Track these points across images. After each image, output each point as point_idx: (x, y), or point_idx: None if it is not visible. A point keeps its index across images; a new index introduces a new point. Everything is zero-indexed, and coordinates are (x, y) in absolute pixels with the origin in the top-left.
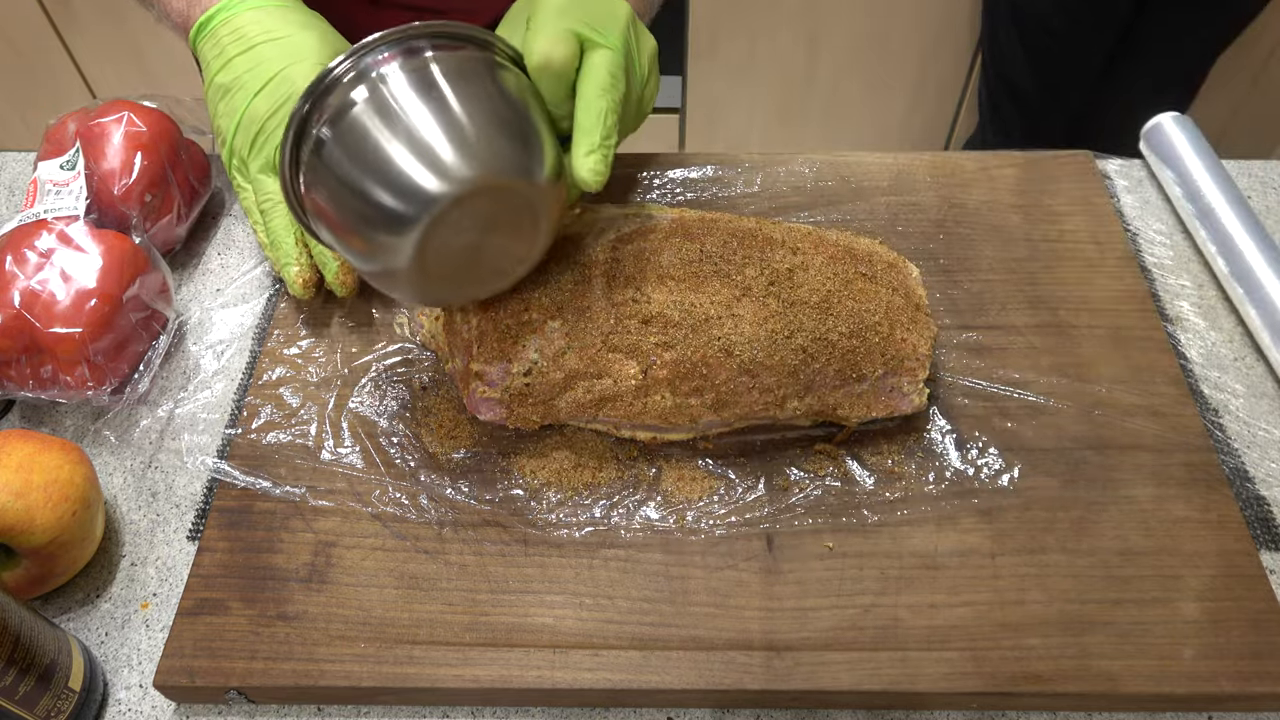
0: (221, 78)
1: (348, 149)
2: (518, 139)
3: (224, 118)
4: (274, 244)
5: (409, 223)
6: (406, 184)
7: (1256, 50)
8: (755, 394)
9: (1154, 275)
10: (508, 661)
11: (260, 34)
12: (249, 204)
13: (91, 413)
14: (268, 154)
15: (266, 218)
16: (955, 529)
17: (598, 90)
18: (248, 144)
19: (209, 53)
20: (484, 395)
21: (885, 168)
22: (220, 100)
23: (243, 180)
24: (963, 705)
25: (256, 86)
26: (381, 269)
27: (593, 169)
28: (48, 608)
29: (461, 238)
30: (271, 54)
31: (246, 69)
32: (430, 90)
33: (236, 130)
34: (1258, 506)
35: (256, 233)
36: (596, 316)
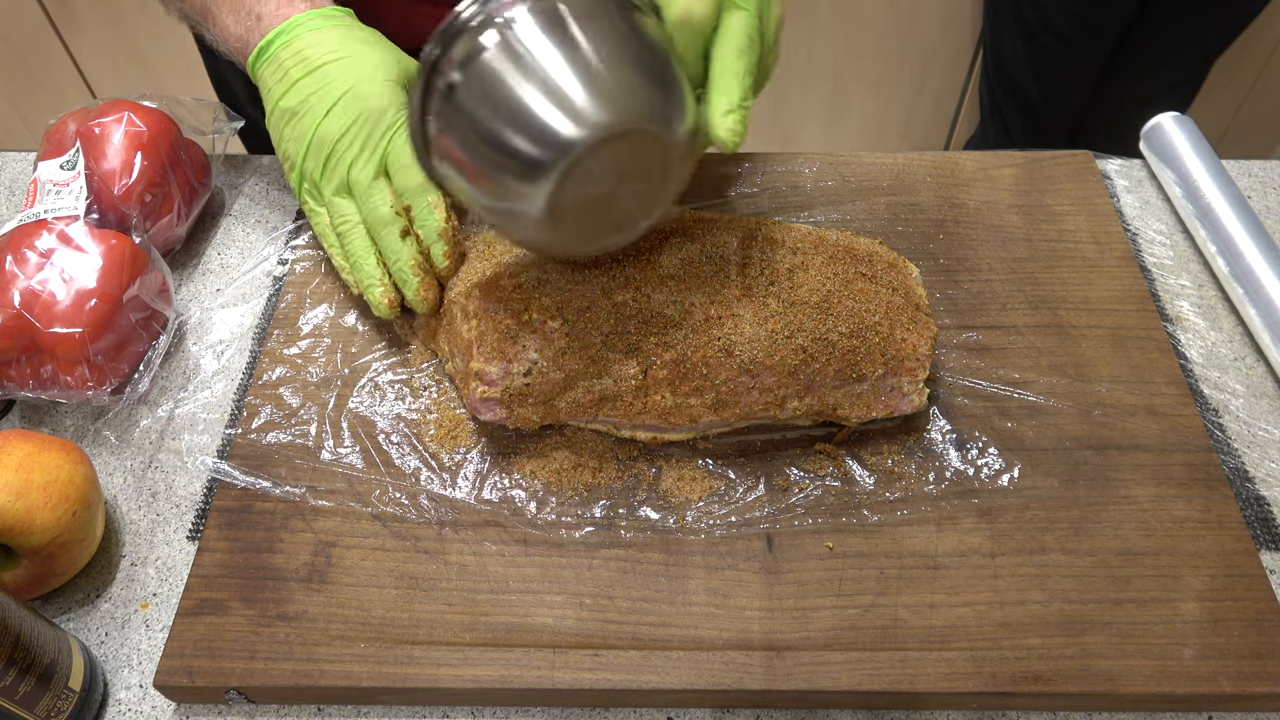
0: (287, 102)
1: (482, 94)
2: (658, 85)
3: (291, 142)
4: (355, 266)
5: (545, 169)
6: (543, 130)
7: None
8: (755, 394)
9: (1154, 275)
10: (508, 661)
11: (324, 54)
12: (323, 228)
13: (91, 413)
14: (341, 175)
15: (345, 240)
16: (955, 529)
17: (736, 51)
18: (319, 167)
19: (271, 77)
20: (484, 395)
21: (885, 168)
22: (286, 125)
23: (315, 204)
24: (963, 705)
25: (325, 108)
26: (512, 216)
27: (731, 128)
28: (48, 608)
29: (595, 186)
30: (337, 73)
31: (313, 90)
32: (564, 32)
33: (306, 154)
34: (1258, 506)
35: (333, 257)
36: (596, 316)
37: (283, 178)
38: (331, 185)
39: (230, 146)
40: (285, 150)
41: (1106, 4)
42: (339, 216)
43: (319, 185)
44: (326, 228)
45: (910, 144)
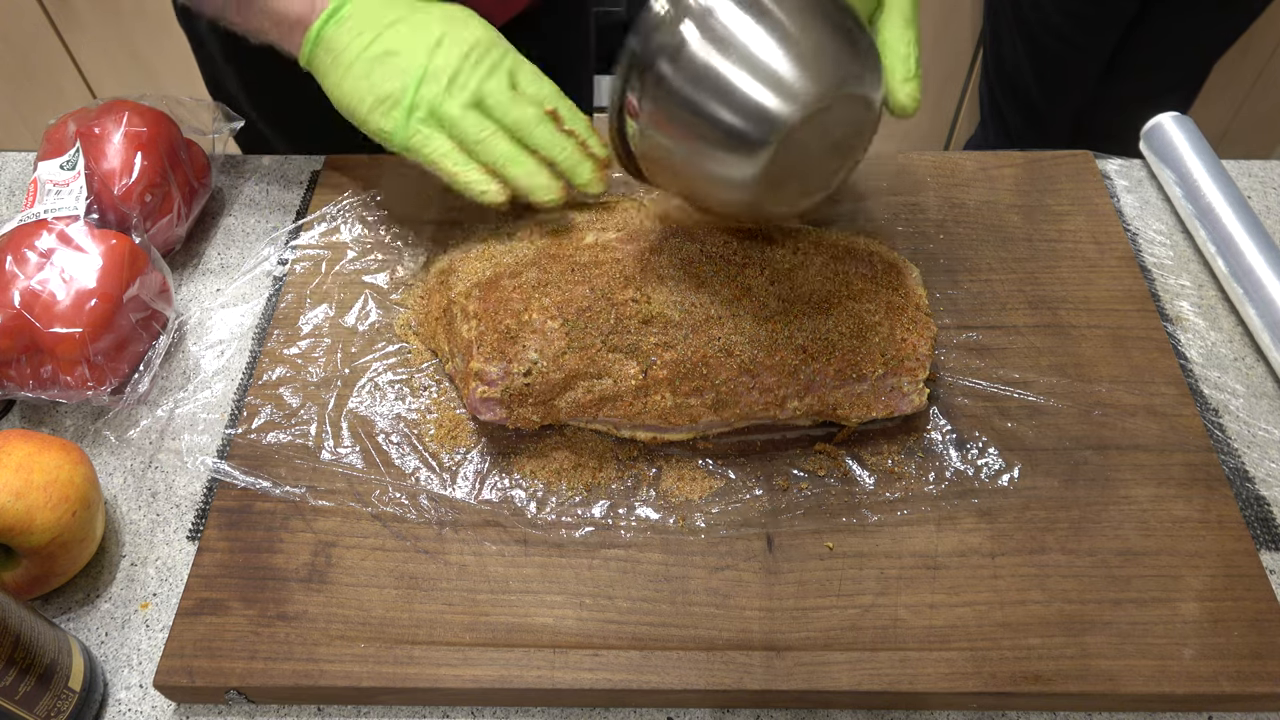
0: (378, 48)
1: (693, 81)
2: (857, 51)
3: (394, 78)
4: (507, 164)
5: (762, 144)
6: (757, 109)
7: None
8: (755, 394)
9: (1154, 275)
10: (508, 661)
11: (402, 9)
12: (443, 150)
13: (91, 413)
14: (471, 91)
15: (486, 147)
16: (955, 529)
17: (904, 21)
18: (443, 90)
19: (348, 35)
20: (484, 395)
21: (885, 168)
22: (380, 66)
23: (432, 130)
24: (963, 705)
25: (430, 42)
26: (721, 188)
27: (911, 94)
28: (48, 608)
29: (803, 152)
30: (427, 20)
31: (408, 34)
32: (761, 7)
33: (421, 82)
34: (1258, 506)
35: (459, 174)
36: (597, 316)
37: (284, 177)
38: (458, 101)
39: (230, 146)
40: (385, 89)
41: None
42: (476, 127)
43: (439, 108)
44: (449, 148)
45: (910, 144)
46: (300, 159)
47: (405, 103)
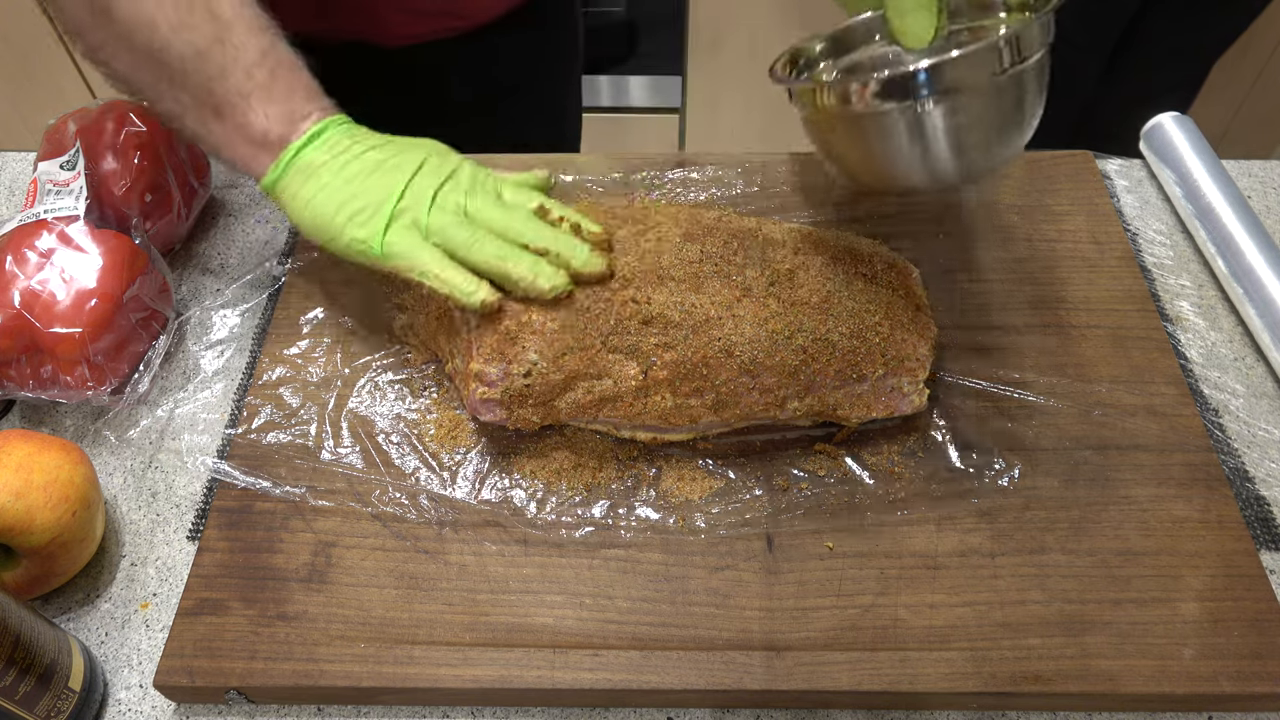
0: (356, 166)
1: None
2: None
3: (377, 190)
4: (506, 261)
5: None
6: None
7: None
8: (755, 394)
9: (1154, 275)
10: (508, 661)
11: (383, 137)
12: (424, 255)
13: (91, 413)
14: (456, 203)
15: (478, 250)
16: (955, 529)
17: None
18: (427, 201)
19: (325, 154)
20: (484, 396)
21: None
22: (358, 181)
23: (413, 237)
24: (963, 705)
25: (416, 161)
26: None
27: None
28: (48, 608)
29: None
30: (410, 144)
31: (393, 153)
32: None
33: (404, 195)
34: (1258, 506)
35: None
36: (597, 317)
37: None
38: (444, 212)
39: None
40: (364, 200)
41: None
42: (465, 231)
43: (422, 218)
44: (434, 253)
45: None
46: None
47: (386, 211)
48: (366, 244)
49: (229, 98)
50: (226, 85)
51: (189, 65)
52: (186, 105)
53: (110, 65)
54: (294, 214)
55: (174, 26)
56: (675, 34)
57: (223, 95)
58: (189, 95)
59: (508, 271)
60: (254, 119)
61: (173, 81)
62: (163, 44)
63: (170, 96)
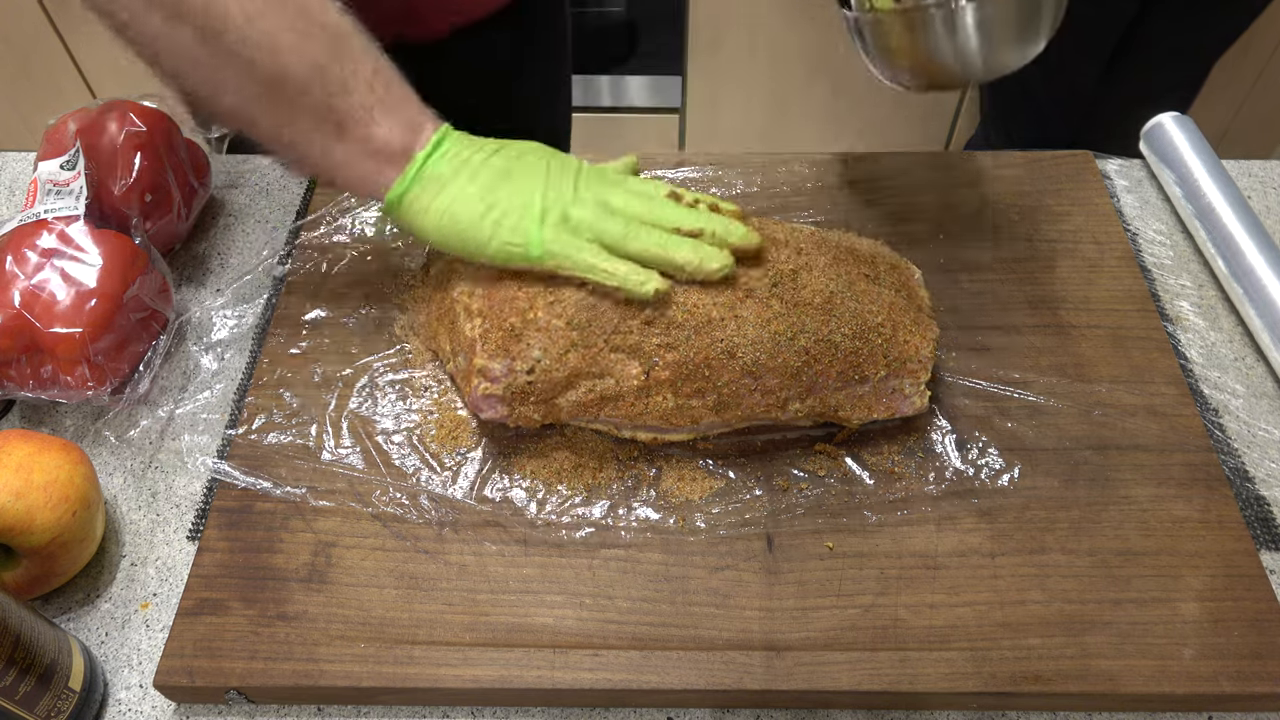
0: (487, 174)
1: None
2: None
3: (515, 194)
4: (666, 248)
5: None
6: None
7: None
8: (757, 395)
9: (1154, 275)
10: (508, 661)
11: (497, 143)
12: (587, 251)
13: (91, 413)
14: (596, 192)
15: (637, 239)
16: (955, 529)
17: None
18: (570, 196)
19: (451, 165)
20: (486, 392)
21: (885, 167)
22: (496, 187)
23: (568, 234)
24: (963, 705)
25: (541, 163)
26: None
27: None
28: (48, 608)
29: None
30: (528, 147)
31: (515, 157)
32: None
33: (546, 192)
34: (1258, 506)
35: (609, 271)
36: (600, 316)
37: (284, 177)
38: (589, 205)
39: (230, 146)
40: (511, 203)
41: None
42: (618, 223)
43: (571, 212)
44: (596, 248)
45: (910, 144)
46: None
47: (534, 213)
48: (523, 247)
49: (352, 113)
50: (350, 101)
51: (310, 85)
52: (305, 130)
53: (217, 102)
54: (427, 225)
55: (293, 46)
56: (675, 34)
57: (345, 111)
58: (309, 118)
59: (671, 257)
60: (378, 132)
61: (292, 106)
62: (283, 67)
63: (286, 124)
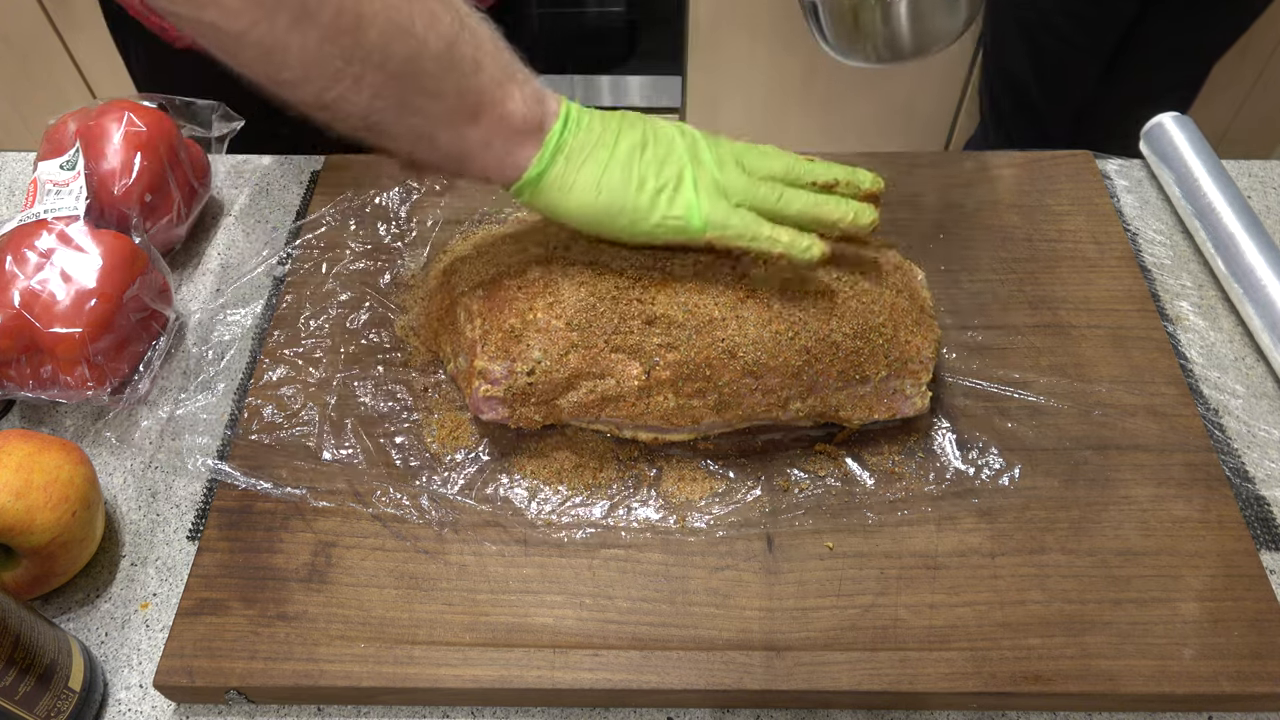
0: (625, 144)
1: None
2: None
3: (662, 166)
4: (819, 208)
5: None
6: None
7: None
8: (758, 395)
9: (1154, 275)
10: (508, 661)
11: (617, 116)
12: (748, 219)
13: (91, 413)
14: (736, 156)
15: (792, 202)
16: (955, 529)
17: None
18: (714, 163)
19: (587, 137)
20: (487, 394)
21: (885, 167)
22: (637, 159)
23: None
24: (963, 705)
25: (672, 130)
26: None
27: None
28: (48, 608)
29: None
30: (650, 118)
31: (644, 128)
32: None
33: (691, 161)
34: (1258, 506)
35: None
36: (600, 316)
37: (284, 177)
38: (735, 171)
39: (230, 147)
40: (662, 175)
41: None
42: (768, 187)
43: (722, 180)
44: (753, 216)
45: (910, 144)
46: (300, 159)
47: (688, 182)
48: (684, 218)
49: (486, 91)
50: (481, 79)
51: (443, 63)
52: (439, 116)
53: (347, 104)
54: (572, 203)
55: (427, 23)
56: (675, 34)
57: (479, 90)
58: (444, 104)
59: (826, 215)
60: (513, 107)
61: (427, 93)
62: (418, 47)
63: (419, 111)
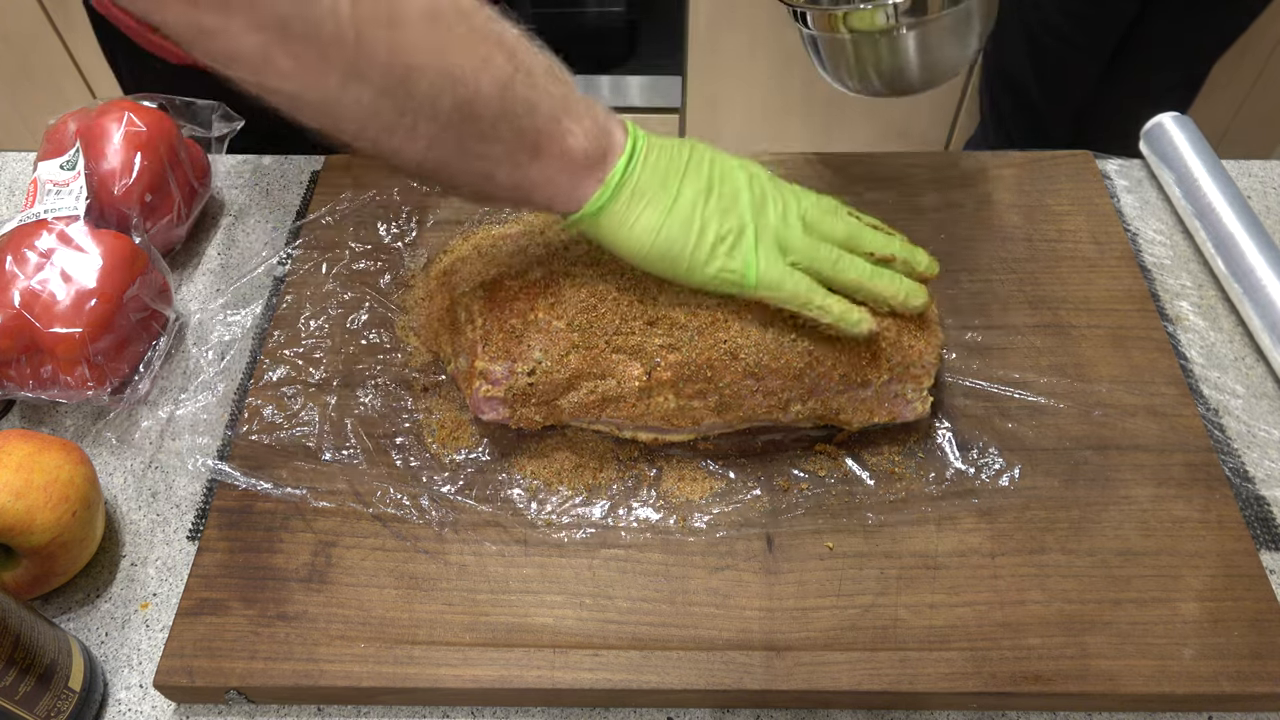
0: (691, 186)
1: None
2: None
3: (726, 215)
4: (874, 280)
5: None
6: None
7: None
8: (759, 397)
9: (1154, 275)
10: (508, 661)
11: (685, 146)
12: (802, 284)
13: (92, 413)
14: (800, 211)
15: (847, 269)
16: (955, 529)
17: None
18: (779, 215)
19: (651, 175)
20: (487, 394)
21: (885, 167)
22: (702, 203)
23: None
24: (963, 705)
25: (742, 173)
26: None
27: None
28: (48, 608)
29: None
30: (718, 153)
31: (712, 165)
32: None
33: (756, 211)
34: (1258, 506)
35: (827, 309)
36: (601, 317)
37: (284, 177)
38: (797, 228)
39: (230, 147)
40: (725, 224)
41: (1107, 4)
42: (827, 251)
43: (783, 236)
44: (808, 280)
45: (910, 144)
46: (300, 159)
47: (749, 237)
48: (739, 274)
49: (544, 129)
50: (538, 118)
51: (497, 108)
52: (498, 157)
53: (405, 153)
54: (632, 242)
55: (479, 69)
56: (675, 34)
57: (537, 129)
58: (501, 144)
59: (879, 290)
60: (573, 143)
61: (482, 135)
62: (470, 93)
63: (478, 155)
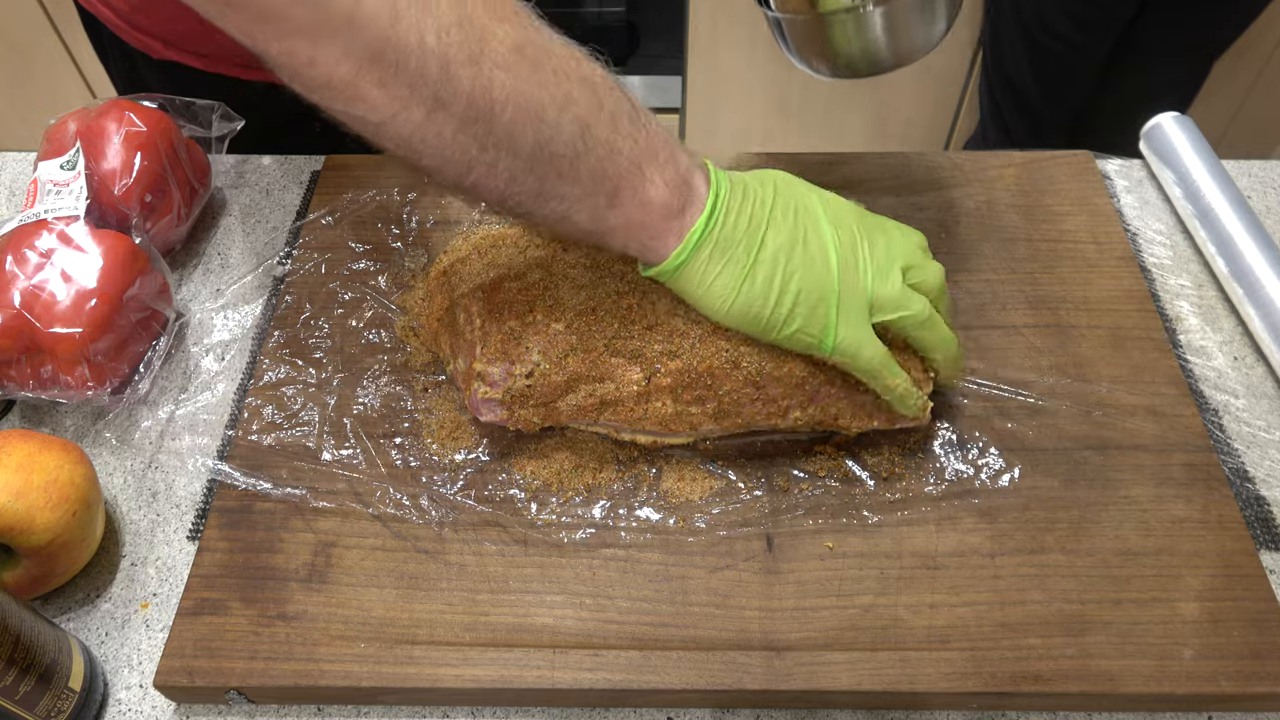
0: (776, 238)
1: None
2: None
3: (812, 274)
4: (946, 344)
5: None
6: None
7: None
8: (759, 405)
9: (1154, 275)
10: (508, 661)
11: (768, 183)
12: (877, 356)
13: (92, 413)
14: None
15: (933, 328)
16: (955, 529)
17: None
18: (869, 273)
19: (734, 223)
20: (485, 396)
21: (885, 167)
22: (793, 253)
23: (865, 330)
24: (963, 705)
25: (825, 217)
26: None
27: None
28: (48, 608)
29: None
30: (801, 189)
31: (795, 209)
32: None
33: (841, 269)
34: (1258, 506)
35: (894, 387)
36: (601, 320)
37: (284, 177)
38: (892, 285)
39: (230, 147)
40: (803, 286)
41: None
42: (919, 304)
43: (869, 294)
44: (884, 353)
45: (910, 144)
46: (300, 159)
47: (832, 302)
48: (817, 339)
49: (624, 175)
50: (619, 163)
51: (577, 148)
52: (576, 198)
53: (485, 189)
54: (711, 299)
55: (561, 107)
56: (675, 34)
57: (617, 175)
58: (579, 185)
59: (944, 356)
60: (653, 193)
61: (561, 175)
62: (551, 131)
63: (557, 195)
